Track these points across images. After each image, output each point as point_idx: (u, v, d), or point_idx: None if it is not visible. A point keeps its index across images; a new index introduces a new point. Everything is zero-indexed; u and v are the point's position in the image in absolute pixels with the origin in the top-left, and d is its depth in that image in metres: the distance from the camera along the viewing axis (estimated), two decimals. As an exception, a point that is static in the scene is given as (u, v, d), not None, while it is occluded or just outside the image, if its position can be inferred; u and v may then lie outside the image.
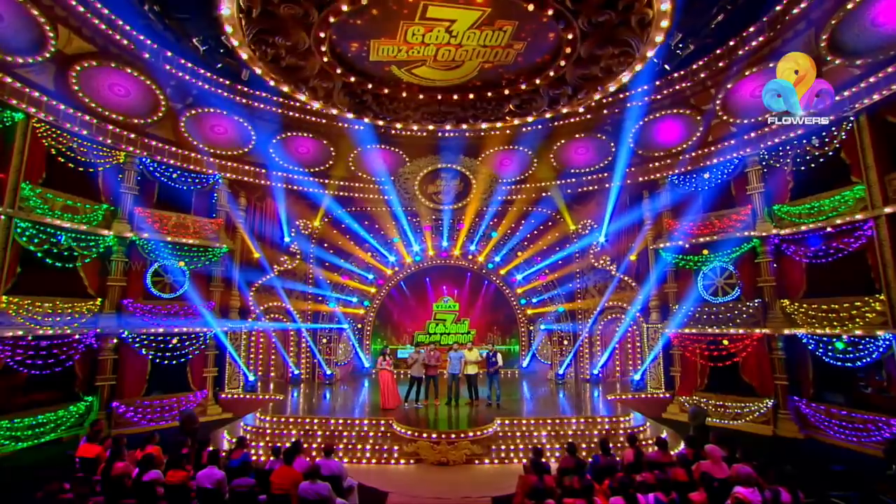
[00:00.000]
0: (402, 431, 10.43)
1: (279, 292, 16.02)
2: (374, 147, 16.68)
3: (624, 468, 6.93)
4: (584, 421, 11.09)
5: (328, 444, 7.35)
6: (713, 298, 13.50)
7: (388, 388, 12.29)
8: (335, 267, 17.47)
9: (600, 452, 7.51)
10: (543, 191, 17.19)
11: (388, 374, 12.46)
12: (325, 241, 17.42)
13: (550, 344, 17.72)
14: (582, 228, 17.17)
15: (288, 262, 16.53)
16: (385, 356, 12.60)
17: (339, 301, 17.39)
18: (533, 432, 10.80)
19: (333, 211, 17.24)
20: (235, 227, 15.23)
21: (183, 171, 13.81)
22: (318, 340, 17.00)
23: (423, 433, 10.16)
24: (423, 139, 16.95)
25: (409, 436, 10.24)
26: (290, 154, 16.09)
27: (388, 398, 12.21)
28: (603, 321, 16.60)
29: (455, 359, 12.65)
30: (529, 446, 9.93)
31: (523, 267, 17.96)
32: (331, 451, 7.30)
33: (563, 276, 17.41)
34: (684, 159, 14.42)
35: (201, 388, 13.72)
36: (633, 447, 7.66)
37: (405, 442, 10.26)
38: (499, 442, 10.50)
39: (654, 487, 6.14)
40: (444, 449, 9.90)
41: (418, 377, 12.54)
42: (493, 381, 12.57)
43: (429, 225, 17.70)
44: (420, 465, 9.89)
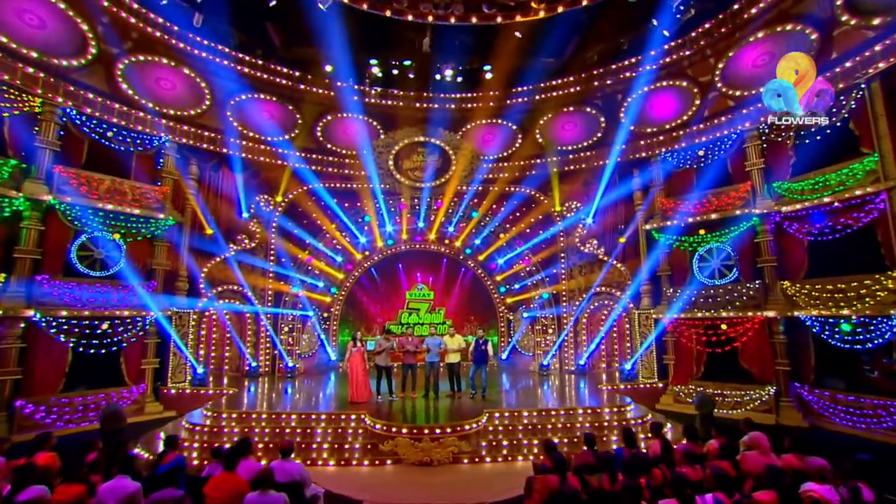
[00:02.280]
0: (376, 427, 8.81)
1: (235, 274, 14.03)
2: (345, 116, 14.96)
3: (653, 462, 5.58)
4: (586, 412, 9.78)
5: (286, 443, 5.67)
6: (710, 281, 12.53)
7: (359, 378, 10.62)
8: (300, 245, 15.58)
9: (623, 444, 6.17)
10: (528, 169, 15.90)
11: (360, 362, 10.79)
12: (290, 219, 15.50)
13: (533, 334, 16.43)
14: (567, 209, 15.99)
15: (247, 241, 14.55)
16: (356, 342, 10.92)
17: (304, 285, 15.49)
18: (528, 425, 9.39)
19: (299, 185, 15.35)
20: (185, 199, 13.15)
21: (121, 130, 11.66)
22: (279, 329, 15.06)
23: (401, 428, 8.57)
24: (400, 109, 15.38)
25: (386, 432, 8.63)
26: (250, 119, 14.14)
27: (358, 390, 10.55)
28: (589, 308, 15.46)
29: (433, 346, 11.13)
30: (534, 441, 8.55)
31: (504, 251, 16.61)
32: (289, 450, 5.63)
33: (547, 259, 16.17)
34: (679, 135, 13.43)
35: (138, 382, 11.60)
36: (659, 437, 6.37)
37: (381, 439, 8.65)
38: (489, 437, 9.04)
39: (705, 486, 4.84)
40: (427, 447, 8.35)
41: (384, 366, 10.94)
42: (482, 371, 11.12)
43: (404, 203, 16.08)
44: (399, 467, 8.30)
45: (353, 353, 10.83)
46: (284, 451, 5.59)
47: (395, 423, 8.75)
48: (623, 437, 6.24)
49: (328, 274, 16.48)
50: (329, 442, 8.80)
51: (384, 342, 10.99)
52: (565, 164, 15.65)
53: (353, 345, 10.90)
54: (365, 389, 10.78)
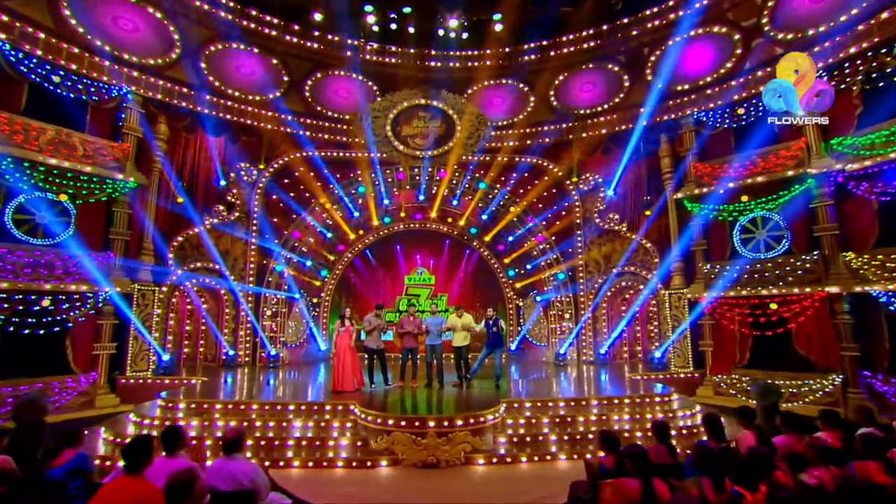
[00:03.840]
0: (367, 419, 7.07)
1: (210, 249, 12.27)
2: (338, 74, 13.29)
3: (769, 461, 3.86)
4: (623, 403, 8.07)
5: (231, 433, 3.92)
6: (755, 255, 10.84)
7: (346, 363, 8.92)
8: (287, 219, 13.82)
9: (706, 438, 4.47)
10: (540, 136, 14.21)
11: (348, 344, 9.08)
12: (275, 190, 13.77)
13: (547, 321, 14.70)
14: (584, 181, 14.30)
15: (225, 213, 12.80)
16: (343, 320, 9.20)
17: (291, 263, 13.73)
18: (555, 418, 7.65)
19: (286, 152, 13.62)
20: (152, 161, 11.39)
21: (70, 75, 9.92)
22: (261, 313, 13.29)
23: (399, 421, 6.83)
24: (399, 68, 13.70)
25: (380, 425, 6.89)
26: (228, 73, 12.45)
27: (344, 377, 8.84)
28: (611, 291, 13.74)
29: (433, 326, 9.43)
30: (564, 437, 6.84)
31: (513, 228, 14.86)
32: (236, 443, 3.89)
33: (562, 238, 14.45)
34: (716, 92, 11.77)
35: (88, 371, 9.82)
36: (753, 429, 4.66)
37: (373, 435, 6.91)
38: (509, 432, 7.30)
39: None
40: (432, 444, 6.61)
41: (375, 349, 9.25)
42: (496, 357, 9.39)
43: (403, 173, 14.36)
44: (396, 470, 6.55)
45: (340, 334, 9.12)
46: (229, 445, 3.85)
47: (392, 414, 7.01)
48: (707, 426, 4.53)
49: (317, 253, 14.74)
50: (308, 438, 7.04)
51: (375, 320, 9.30)
52: (583, 129, 13.96)
53: (341, 324, 9.18)
54: (356, 376, 9.07)
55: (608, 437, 4.29)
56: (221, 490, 3.64)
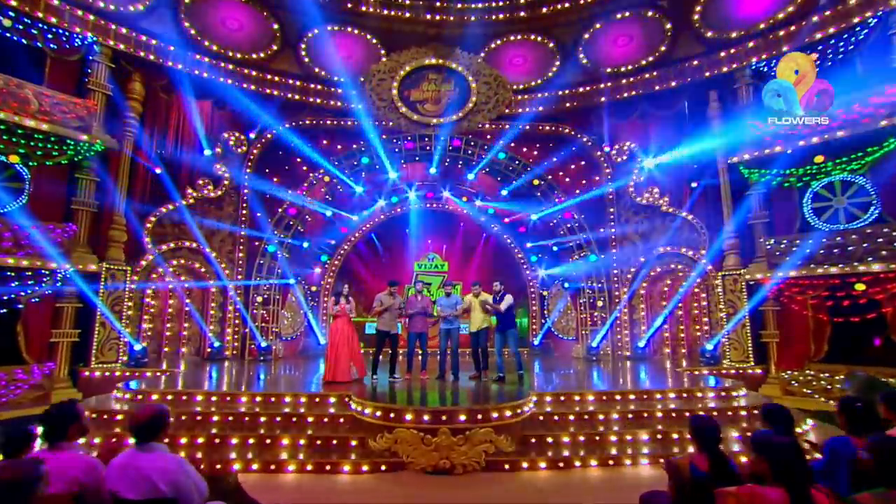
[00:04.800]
0: (365, 412, 5.92)
1: (191, 227, 11.27)
2: (337, 30, 12.23)
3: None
4: (680, 396, 6.79)
5: (151, 411, 2.76)
6: (832, 226, 9.45)
7: (342, 347, 7.81)
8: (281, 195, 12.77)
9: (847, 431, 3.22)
10: (568, 100, 12.96)
11: (345, 327, 7.97)
12: (268, 162, 12.77)
13: (577, 310, 13.42)
14: (619, 151, 13.02)
15: (210, 188, 11.81)
16: (339, 298, 8.09)
17: (285, 246, 12.66)
18: (596, 415, 6.40)
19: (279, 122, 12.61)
20: (125, 125, 10.43)
21: (22, 17, 8.97)
22: (251, 301, 12.25)
23: (404, 414, 5.66)
24: (406, 23, 12.59)
25: (380, 419, 5.72)
26: (210, 28, 11.46)
27: (339, 365, 7.73)
28: (650, 275, 12.41)
29: (446, 308, 8.29)
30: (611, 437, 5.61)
31: (537, 205, 13.62)
32: (155, 426, 2.74)
33: (593, 216, 13.17)
34: (779, 36, 10.41)
35: (44, 360, 8.84)
36: None
37: (372, 432, 5.74)
38: (541, 431, 6.08)
39: None
40: (445, 443, 5.42)
41: (388, 333, 8.09)
42: (509, 339, 8.18)
43: (412, 145, 13.23)
44: (400, 476, 5.38)
45: (336, 315, 8.00)
46: (143, 429, 2.70)
47: (394, 406, 5.84)
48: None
49: (317, 234, 13.69)
50: (291, 436, 5.90)
51: (388, 299, 8.19)
52: (616, 90, 12.69)
53: (335, 302, 8.06)
54: (355, 364, 7.98)
55: (703, 427, 3.05)
56: (126, 497, 2.51)
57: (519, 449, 5.78)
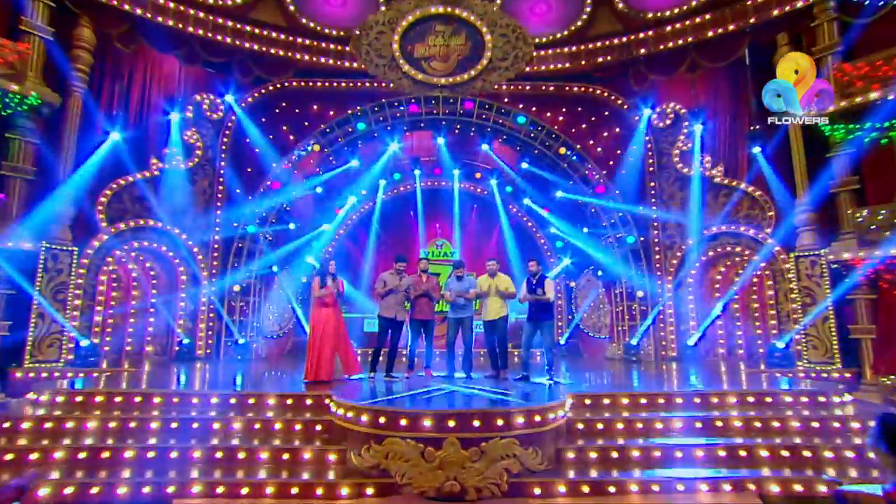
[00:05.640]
0: (347, 416, 4.83)
1: (151, 206, 10.30)
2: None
3: None
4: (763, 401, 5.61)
5: None
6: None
7: (328, 339, 6.79)
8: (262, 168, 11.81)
9: None
10: (599, 54, 11.76)
11: (330, 314, 6.92)
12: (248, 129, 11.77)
13: (611, 304, 12.24)
14: (661, 114, 11.83)
15: (179, 158, 10.85)
16: (325, 278, 7.03)
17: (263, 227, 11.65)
18: (655, 423, 5.24)
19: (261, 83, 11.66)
20: (71, 79, 9.41)
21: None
22: (227, 292, 11.25)
23: (400, 418, 4.55)
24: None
25: (368, 426, 4.63)
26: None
27: (322, 360, 6.70)
28: (701, 260, 11.17)
29: (458, 290, 7.34)
30: (677, 453, 4.47)
31: (563, 180, 12.47)
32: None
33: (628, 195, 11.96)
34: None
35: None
36: None
37: (355, 442, 4.66)
38: (579, 442, 4.94)
39: None
40: (452, 457, 4.30)
41: (390, 320, 7.05)
42: (544, 333, 7.07)
43: (416, 108, 12.15)
44: (394, 501, 4.25)
45: (321, 300, 6.96)
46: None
47: (385, 410, 4.72)
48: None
49: (305, 214, 12.71)
50: (249, 449, 4.82)
51: (393, 279, 7.18)
52: (660, 40, 11.44)
53: (320, 283, 6.99)
54: (346, 359, 6.96)
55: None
56: None
57: (552, 467, 4.66)
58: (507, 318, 7.39)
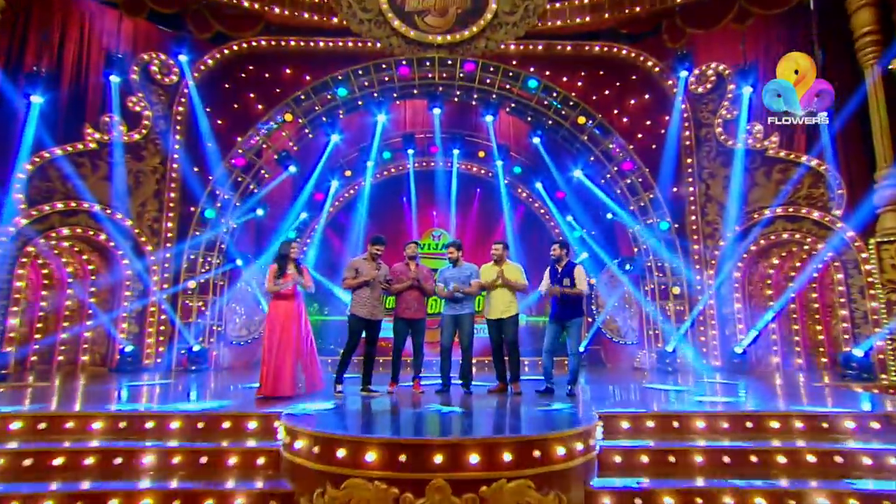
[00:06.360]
0: (295, 446, 3.81)
1: (86, 188, 9.31)
2: None
3: None
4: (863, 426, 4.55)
5: None
6: None
7: (287, 343, 5.81)
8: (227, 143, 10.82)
9: None
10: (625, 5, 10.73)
11: (292, 309, 5.93)
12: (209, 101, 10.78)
13: (638, 304, 11.20)
14: (701, 76, 10.80)
15: (122, 129, 9.87)
16: (287, 264, 6.02)
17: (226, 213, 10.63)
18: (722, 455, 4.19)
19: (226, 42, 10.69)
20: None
21: None
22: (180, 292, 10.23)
23: (365, 451, 3.50)
24: None
25: (319, 459, 3.60)
26: None
27: (282, 369, 5.76)
28: (751, 251, 10.10)
29: (455, 281, 6.40)
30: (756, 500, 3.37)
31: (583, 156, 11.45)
32: None
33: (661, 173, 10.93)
34: None
35: None
36: None
37: (307, 483, 3.61)
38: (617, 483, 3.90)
39: None
40: None
41: (362, 320, 6.12)
42: (570, 334, 6.08)
43: (407, 70, 11.12)
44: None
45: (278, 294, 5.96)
46: None
47: (344, 435, 3.67)
48: None
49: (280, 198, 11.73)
50: (157, 494, 3.78)
51: (368, 266, 6.18)
52: (699, -13, 10.44)
53: (278, 272, 5.97)
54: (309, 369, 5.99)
55: None
56: None
57: (583, 518, 3.59)
58: (517, 316, 6.37)
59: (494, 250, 6.50)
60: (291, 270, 6.05)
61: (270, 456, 4.20)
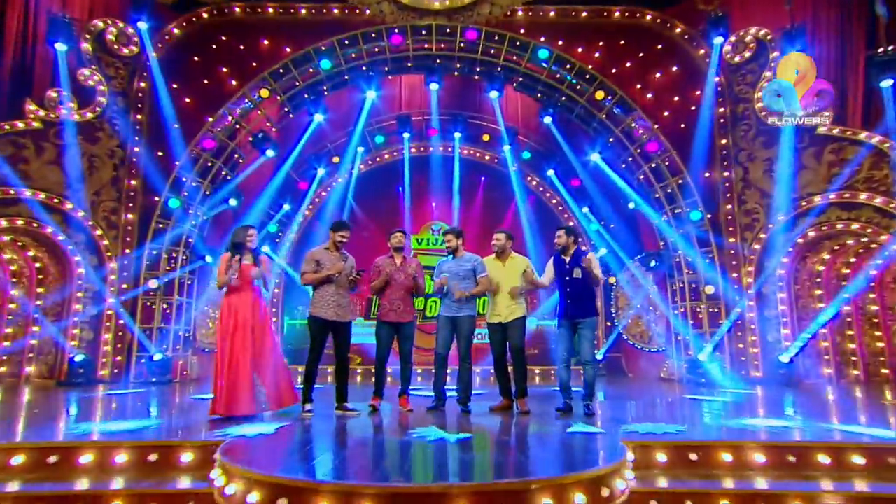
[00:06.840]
0: (227, 491, 3.01)
1: (4, 172, 8.60)
2: None
3: None
4: None
5: None
6: None
7: (242, 351, 5.08)
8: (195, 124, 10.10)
9: None
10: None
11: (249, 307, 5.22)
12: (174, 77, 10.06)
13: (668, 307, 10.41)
14: (738, 43, 10.00)
15: (72, 106, 9.16)
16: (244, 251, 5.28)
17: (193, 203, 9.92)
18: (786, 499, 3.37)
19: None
20: None
21: None
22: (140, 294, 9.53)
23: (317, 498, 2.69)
24: None
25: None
26: None
27: (239, 384, 5.07)
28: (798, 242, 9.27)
29: (455, 276, 5.62)
30: None
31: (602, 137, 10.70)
32: None
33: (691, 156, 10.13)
34: None
35: None
36: None
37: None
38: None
39: None
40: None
41: (327, 322, 5.38)
42: (582, 338, 5.27)
43: (399, 41, 10.35)
44: None
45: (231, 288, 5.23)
46: None
47: (293, 480, 2.89)
48: None
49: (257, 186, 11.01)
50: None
51: (331, 258, 5.43)
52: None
53: (232, 259, 5.21)
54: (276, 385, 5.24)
55: None
56: None
57: None
58: (524, 319, 5.56)
59: (496, 240, 5.69)
60: (249, 262, 5.29)
61: (203, 501, 3.42)
